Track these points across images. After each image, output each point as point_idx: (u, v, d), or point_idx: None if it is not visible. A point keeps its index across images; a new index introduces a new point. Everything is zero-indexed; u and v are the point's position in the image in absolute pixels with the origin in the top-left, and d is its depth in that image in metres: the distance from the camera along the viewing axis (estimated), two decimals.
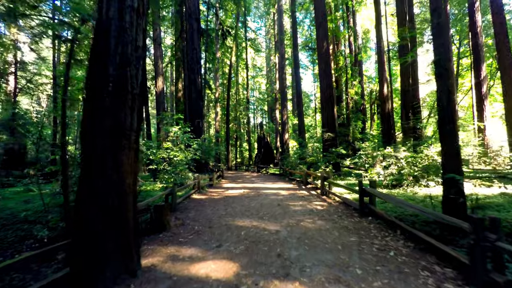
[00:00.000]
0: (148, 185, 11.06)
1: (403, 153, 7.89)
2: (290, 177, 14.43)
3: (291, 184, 12.44)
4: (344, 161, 12.53)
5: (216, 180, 13.96)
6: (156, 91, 17.92)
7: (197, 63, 21.84)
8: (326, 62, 14.26)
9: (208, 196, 9.11)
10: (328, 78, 14.11)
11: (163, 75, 18.29)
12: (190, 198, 8.68)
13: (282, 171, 17.34)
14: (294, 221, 5.31)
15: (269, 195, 8.93)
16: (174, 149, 10.68)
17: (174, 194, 6.83)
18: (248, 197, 8.75)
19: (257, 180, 14.98)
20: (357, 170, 14.15)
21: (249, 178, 16.67)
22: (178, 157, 10.77)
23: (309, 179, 11.36)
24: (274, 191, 9.91)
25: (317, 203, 7.16)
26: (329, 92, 13.86)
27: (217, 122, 36.13)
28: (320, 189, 8.71)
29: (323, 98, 14.05)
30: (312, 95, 47.43)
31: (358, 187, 5.65)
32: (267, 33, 47.91)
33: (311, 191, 9.62)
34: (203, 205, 7.41)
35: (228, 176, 18.26)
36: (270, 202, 7.59)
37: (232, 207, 7.04)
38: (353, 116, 24.89)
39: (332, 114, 13.79)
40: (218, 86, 36.35)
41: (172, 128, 14.54)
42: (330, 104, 13.80)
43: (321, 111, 14.18)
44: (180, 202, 7.64)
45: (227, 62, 36.44)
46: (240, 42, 40.46)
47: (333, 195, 7.82)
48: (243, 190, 10.46)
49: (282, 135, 30.68)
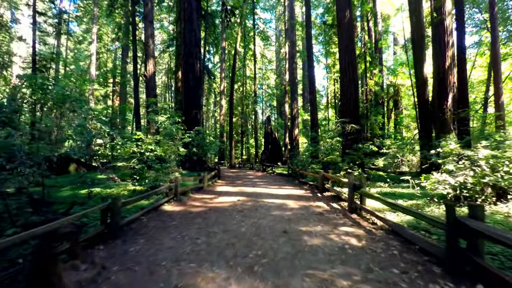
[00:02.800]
0: (117, 187, 8.56)
1: (483, 152, 4.98)
2: (300, 180, 11.65)
3: (302, 189, 9.66)
4: (373, 160, 9.65)
5: (210, 182, 11.35)
6: (146, 75, 15.45)
7: (195, 46, 19.19)
8: (349, 36, 11.31)
9: (186, 208, 6.47)
10: (350, 55, 11.18)
11: (154, 57, 15.81)
12: (158, 210, 6.07)
13: (291, 171, 14.58)
14: (316, 284, 2.58)
15: (271, 209, 6.21)
16: (146, 141, 8.09)
17: (116, 209, 4.22)
18: (241, 211, 6.06)
19: (260, 182, 12.27)
20: (386, 172, 11.21)
21: (252, 179, 13.99)
22: (155, 151, 8.18)
23: (327, 184, 8.56)
24: (279, 202, 7.18)
25: (348, 230, 4.39)
26: (351, 73, 10.94)
27: (221, 116, 33.59)
28: (348, 202, 5.91)
29: (344, 81, 11.13)
30: (323, 89, 44.22)
31: (447, 215, 2.83)
32: (277, 20, 44.81)
33: (331, 203, 6.84)
34: (166, 227, 4.77)
35: (227, 176, 15.64)
36: (271, 224, 4.87)
37: (209, 233, 4.36)
38: (372, 110, 21.80)
39: (355, 101, 10.88)
40: (224, 78, 33.79)
41: (158, 117, 12.04)
42: (353, 88, 10.87)
43: (341, 97, 11.28)
44: (135, 218, 5.04)
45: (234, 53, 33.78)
46: (248, 31, 37.70)
47: (369, 214, 5.03)
48: (238, 198, 7.77)
49: (292, 131, 27.82)
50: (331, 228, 4.51)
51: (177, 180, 7.15)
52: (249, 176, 16.25)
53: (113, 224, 4.18)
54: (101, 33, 33.52)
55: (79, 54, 39.54)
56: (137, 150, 7.88)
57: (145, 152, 7.77)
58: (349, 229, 4.45)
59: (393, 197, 6.51)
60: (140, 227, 4.71)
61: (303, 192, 9.07)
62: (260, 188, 10.08)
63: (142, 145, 7.91)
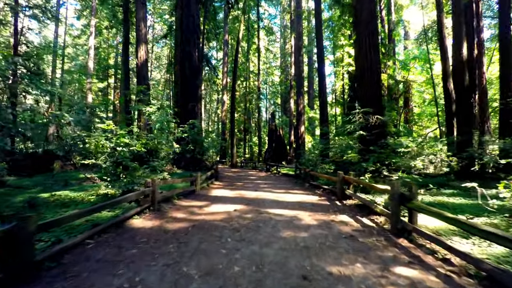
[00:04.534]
0: (91, 190, 6.91)
1: None
2: (311, 182, 9.87)
3: (315, 195, 7.88)
4: (401, 160, 7.76)
5: (204, 184, 9.65)
6: (137, 62, 13.79)
7: (193, 33, 17.42)
8: (370, 11, 9.38)
9: (162, 222, 4.75)
10: (372, 35, 9.31)
11: (146, 42, 14.16)
12: (122, 227, 4.36)
13: (299, 172, 12.81)
14: None
15: (280, 227, 4.46)
16: (119, 132, 6.39)
17: (23, 237, 2.52)
18: (237, 230, 4.31)
19: (263, 185, 10.53)
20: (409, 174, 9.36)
21: (254, 181, 12.25)
22: (132, 147, 6.48)
23: (348, 189, 6.76)
24: (289, 214, 5.42)
25: (409, 276, 2.62)
26: (373, 55, 9.06)
27: (223, 113, 31.90)
28: (390, 219, 4.13)
29: (364, 65, 9.24)
30: (330, 84, 42.06)
31: None
32: (282, 12, 42.84)
33: (359, 216, 5.06)
34: (117, 262, 3.03)
35: (226, 177, 13.92)
36: (282, 259, 3.10)
37: (179, 279, 2.61)
38: (386, 105, 19.88)
39: (377, 88, 9.03)
40: (226, 73, 32.08)
41: (146, 108, 10.38)
42: (375, 73, 8.99)
43: (359, 81, 9.40)
44: (76, 244, 3.34)
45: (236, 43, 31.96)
46: (251, 24, 35.93)
47: (428, 240, 3.27)
48: (235, 207, 6.04)
49: (297, 128, 25.97)
50: (379, 271, 2.75)
51: (155, 184, 5.43)
52: (251, 176, 14.51)
53: (17, 264, 2.48)
54: (101, 27, 32.03)
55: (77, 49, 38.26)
56: (108, 144, 6.19)
57: (117, 146, 6.07)
58: (410, 273, 2.68)
59: (448, 210, 4.71)
60: (77, 261, 3.00)
61: (317, 198, 7.29)
62: (263, 193, 8.33)
63: (113, 138, 6.21)
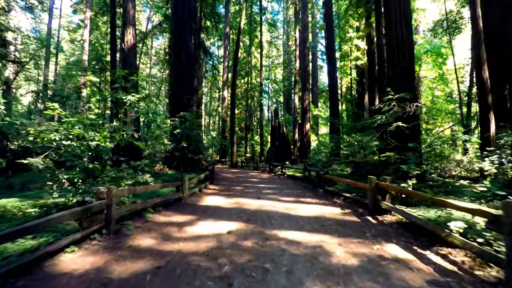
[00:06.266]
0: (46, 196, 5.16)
1: None
2: (325, 188, 8.05)
3: (336, 205, 6.09)
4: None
5: (196, 189, 7.88)
6: (124, 47, 12.04)
7: (189, 19, 15.64)
8: None
9: (107, 261, 2.96)
10: (403, 3, 7.51)
11: (134, 25, 12.41)
12: (37, 272, 2.60)
13: (308, 174, 11.00)
14: None
15: (300, 271, 2.66)
16: (69, 120, 4.60)
17: None
18: (228, 278, 2.55)
19: (267, 190, 8.73)
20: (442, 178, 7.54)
21: (256, 184, 10.46)
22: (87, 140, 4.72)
23: (383, 200, 4.97)
24: (310, 241, 3.61)
25: None
26: (404, 30, 7.24)
27: (223, 110, 30.15)
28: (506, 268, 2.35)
29: (392, 42, 7.41)
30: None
31: None
32: (286, 8, 40.97)
33: (420, 249, 3.26)
34: None
35: (224, 179, 12.14)
36: None
37: None
38: None
39: (411, 71, 7.19)
40: (227, 67, 30.31)
41: (127, 97, 8.63)
42: (407, 52, 7.16)
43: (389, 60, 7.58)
44: None
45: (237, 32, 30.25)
46: (253, 17, 34.17)
47: None
48: (229, 228, 4.25)
49: (302, 126, 24.19)
50: None
51: (111, 195, 3.66)
52: (252, 178, 12.72)
53: None
54: (96, 21, 30.29)
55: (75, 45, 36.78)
56: (54, 136, 4.42)
57: (64, 140, 4.30)
58: None
59: None
60: None
61: (340, 211, 5.50)
62: (268, 201, 6.55)
63: (60, 128, 4.45)
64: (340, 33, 26.75)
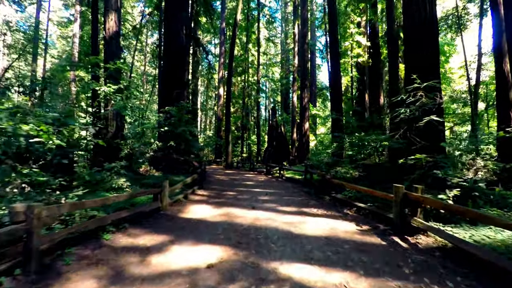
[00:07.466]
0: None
1: None
2: (332, 194, 6.89)
3: (348, 219, 4.94)
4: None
5: (180, 195, 6.69)
6: (105, 35, 10.78)
7: (180, 9, 14.47)
8: None
9: None
10: None
11: (117, 11, 11.18)
12: None
13: (309, 177, 9.85)
14: None
15: None
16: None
17: None
18: None
19: (264, 196, 7.55)
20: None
21: (251, 188, 9.27)
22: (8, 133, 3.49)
23: (416, 217, 3.83)
24: (327, 284, 2.48)
25: None
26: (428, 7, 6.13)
27: (219, 108, 28.93)
28: None
29: (414, 23, 6.29)
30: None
31: None
32: (285, 6, 39.83)
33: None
34: None
35: (217, 181, 10.95)
36: None
37: None
38: None
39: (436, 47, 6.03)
40: (222, 64, 29.10)
41: (101, 88, 7.42)
42: (430, 33, 6.04)
43: (410, 44, 6.41)
44: None
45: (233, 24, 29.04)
46: (251, 11, 32.95)
47: None
48: (210, 260, 3.08)
49: (301, 125, 23.07)
50: None
51: (32, 215, 2.46)
52: (247, 181, 11.53)
53: None
54: (88, 16, 28.81)
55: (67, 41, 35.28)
56: None
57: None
58: None
59: None
60: None
61: (355, 228, 4.35)
62: (265, 213, 5.37)
63: None
64: (340, 29, 25.54)
